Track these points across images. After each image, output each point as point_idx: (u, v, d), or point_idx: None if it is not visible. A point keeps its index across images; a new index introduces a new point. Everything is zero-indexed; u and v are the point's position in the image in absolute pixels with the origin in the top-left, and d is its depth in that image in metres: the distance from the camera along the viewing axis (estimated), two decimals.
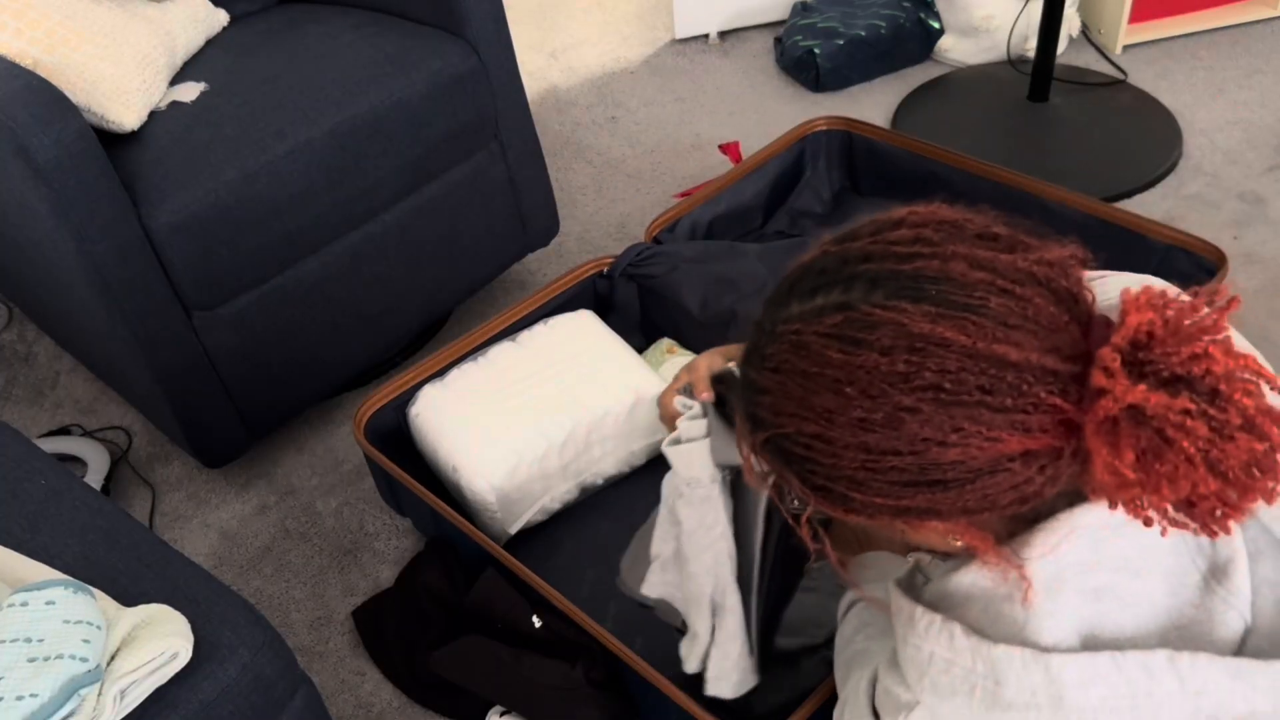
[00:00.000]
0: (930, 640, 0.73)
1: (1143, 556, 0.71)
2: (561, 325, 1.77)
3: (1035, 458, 0.66)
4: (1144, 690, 0.67)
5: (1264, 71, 2.49)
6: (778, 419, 0.71)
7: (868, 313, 0.66)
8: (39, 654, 0.91)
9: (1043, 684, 0.67)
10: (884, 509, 0.69)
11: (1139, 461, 0.63)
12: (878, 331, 0.66)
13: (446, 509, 1.52)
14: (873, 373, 0.66)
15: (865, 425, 0.66)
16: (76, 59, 1.56)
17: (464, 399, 1.66)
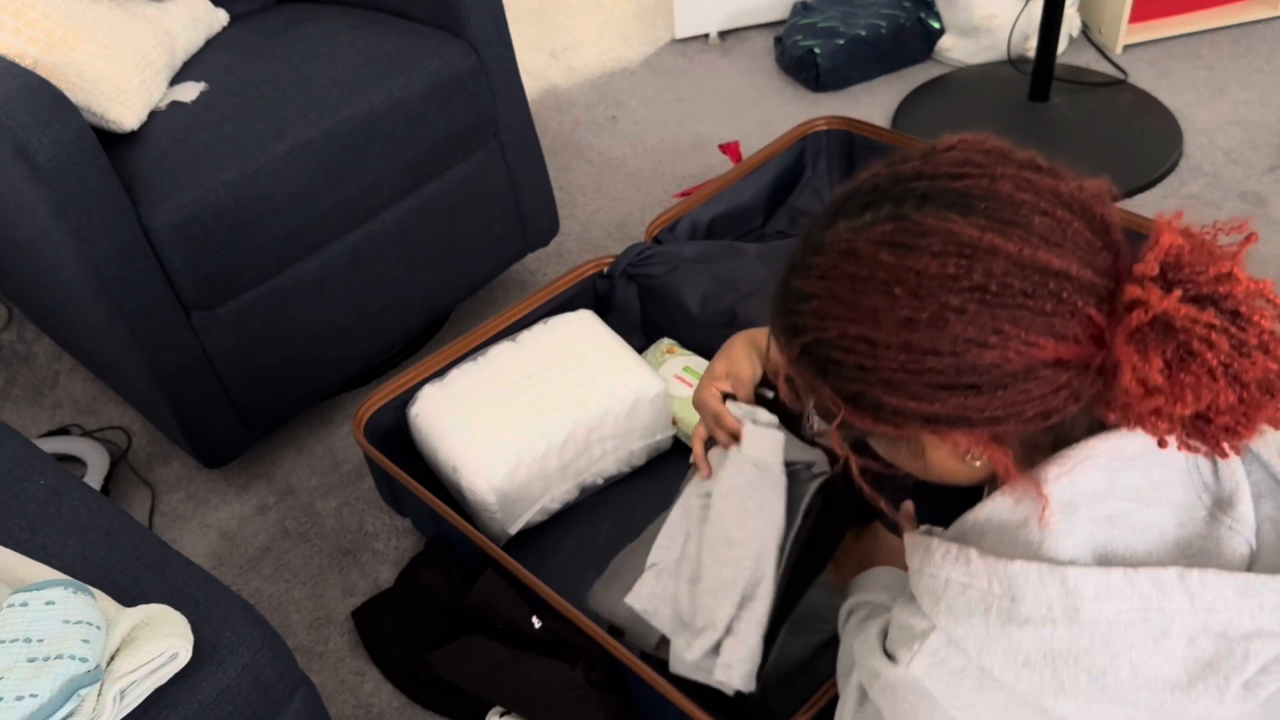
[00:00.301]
0: (947, 566, 0.74)
1: (1153, 488, 0.73)
2: (561, 325, 1.77)
3: (1065, 367, 0.69)
4: (1155, 605, 0.69)
5: (1264, 71, 2.49)
6: (821, 323, 0.73)
7: (919, 221, 0.70)
8: (39, 654, 0.91)
9: (1059, 597, 0.69)
10: (915, 415, 0.72)
11: (1166, 370, 0.67)
12: (929, 238, 0.69)
13: (446, 509, 1.52)
14: (922, 274, 0.69)
15: (910, 324, 0.69)
16: (76, 59, 1.56)
17: (464, 399, 1.66)
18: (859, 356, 0.72)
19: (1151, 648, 0.69)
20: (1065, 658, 0.70)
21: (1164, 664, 0.69)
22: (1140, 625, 0.69)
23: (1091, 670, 0.69)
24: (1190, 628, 0.69)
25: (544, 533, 1.66)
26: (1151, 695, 0.69)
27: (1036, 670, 0.71)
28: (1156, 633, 0.69)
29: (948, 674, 0.75)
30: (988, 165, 0.72)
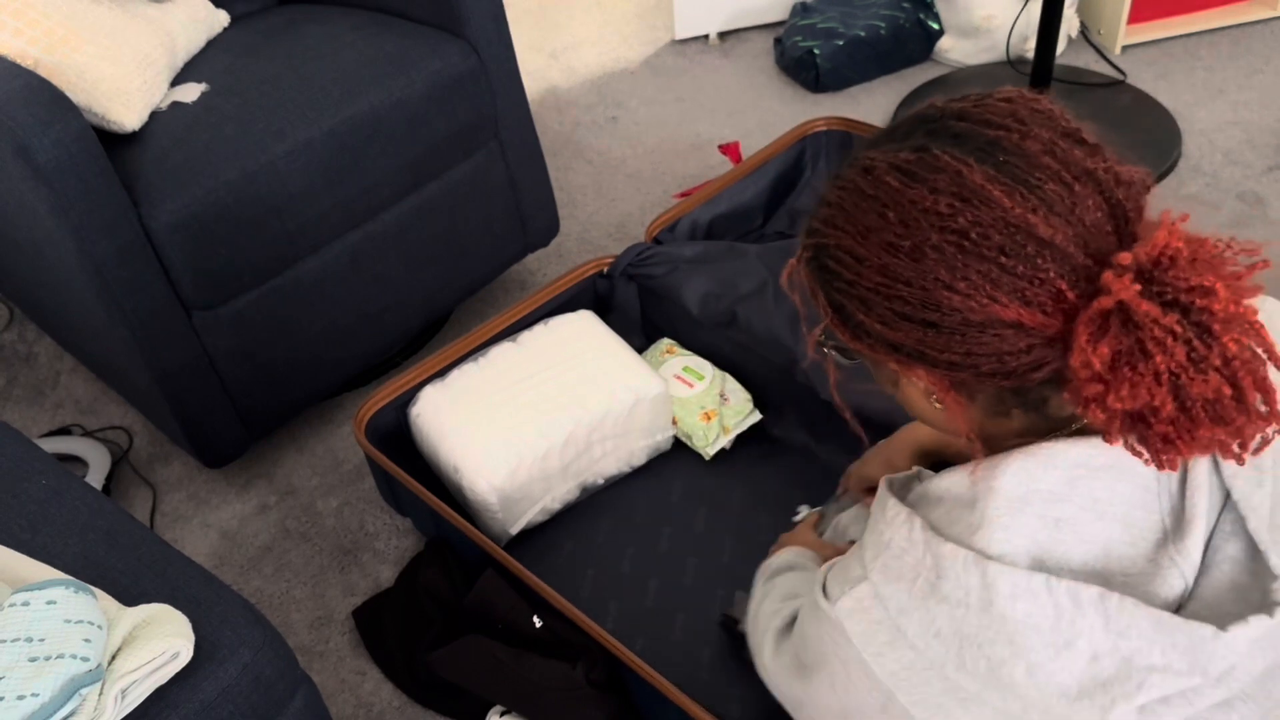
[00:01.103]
0: (893, 528, 0.79)
1: (1111, 501, 0.74)
2: (561, 326, 1.77)
3: (1025, 332, 0.70)
4: (1068, 617, 0.71)
5: (1263, 72, 2.49)
6: (825, 229, 0.77)
7: (937, 157, 0.72)
8: (40, 653, 0.92)
9: (977, 587, 0.72)
10: (881, 339, 0.76)
11: (1112, 361, 0.67)
12: (937, 175, 0.72)
13: (446, 509, 1.52)
14: (916, 205, 0.72)
15: (892, 249, 0.72)
16: (77, 59, 1.56)
17: (465, 399, 1.66)
18: (845, 269, 0.75)
19: (1052, 654, 0.71)
20: (971, 641, 0.73)
21: (1060, 672, 0.71)
22: (1047, 631, 0.71)
23: (991, 659, 0.72)
24: (1097, 646, 0.71)
25: (544, 533, 1.67)
26: (1041, 697, 0.72)
27: (945, 643, 0.74)
28: (1060, 642, 0.71)
29: (867, 622, 0.78)
30: (1028, 124, 0.73)
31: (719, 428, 1.72)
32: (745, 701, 1.40)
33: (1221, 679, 0.71)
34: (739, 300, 1.75)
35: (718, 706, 1.27)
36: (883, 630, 0.77)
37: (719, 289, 1.77)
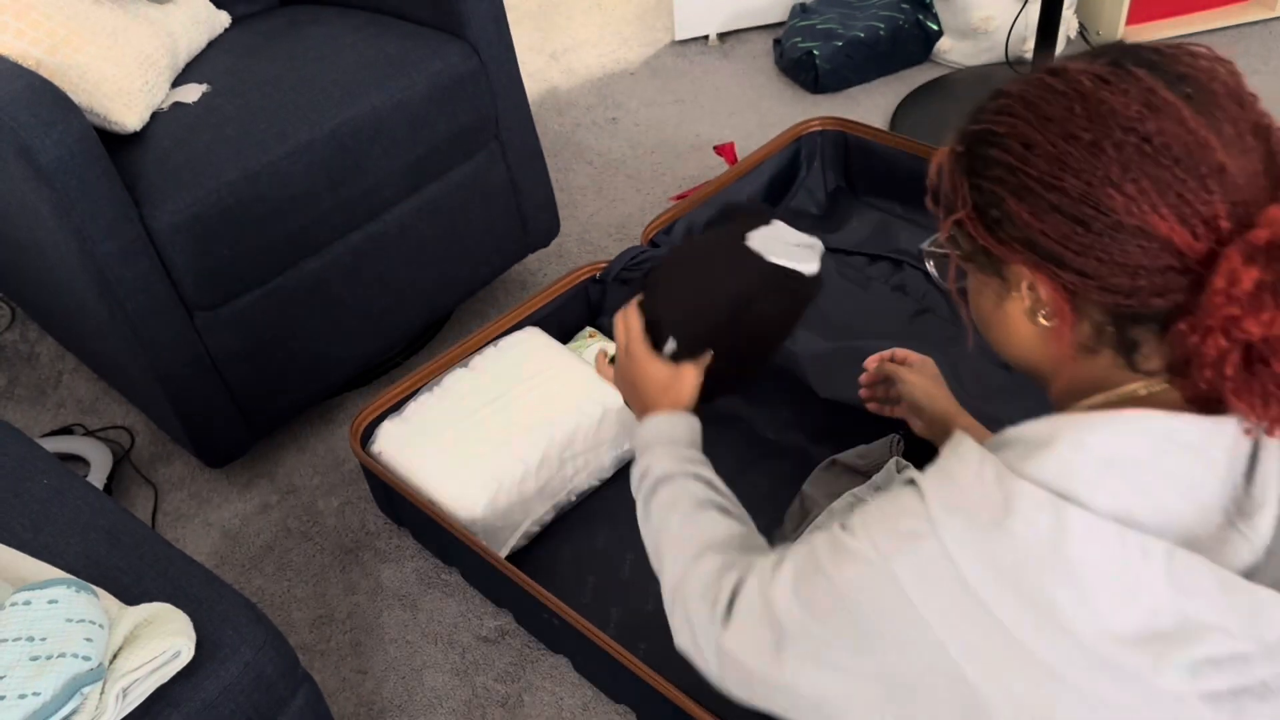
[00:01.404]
0: (963, 465, 0.76)
1: (1189, 482, 0.75)
2: (512, 346, 1.76)
3: (1169, 251, 0.72)
4: (1135, 568, 0.71)
5: (1262, 72, 2.49)
6: (998, 118, 0.77)
7: (1131, 71, 0.74)
8: (41, 652, 0.92)
9: (1048, 525, 0.71)
10: (1022, 233, 0.76)
11: (1256, 287, 0.69)
12: (1130, 84, 0.74)
13: (445, 519, 1.52)
14: (1105, 104, 0.73)
15: (1070, 139, 0.73)
16: (79, 60, 1.57)
17: (429, 431, 1.64)
18: (1012, 155, 0.76)
19: (1114, 602, 0.71)
20: (1031, 574, 0.72)
21: (1119, 620, 0.71)
22: (1114, 579, 0.71)
23: (1054, 601, 0.71)
24: (1159, 600, 0.71)
25: (543, 541, 1.66)
26: (1096, 640, 0.71)
27: (1003, 580, 0.72)
28: (1125, 591, 0.71)
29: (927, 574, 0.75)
30: (1215, 72, 0.75)
31: None
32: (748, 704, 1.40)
33: (1275, 650, 0.71)
34: None
35: (721, 710, 1.27)
36: (945, 581, 0.74)
37: None
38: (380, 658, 1.59)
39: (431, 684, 1.54)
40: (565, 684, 1.52)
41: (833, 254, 1.97)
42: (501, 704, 1.51)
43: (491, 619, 1.61)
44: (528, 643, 1.57)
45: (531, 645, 1.57)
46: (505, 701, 1.51)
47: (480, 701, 1.51)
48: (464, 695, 1.52)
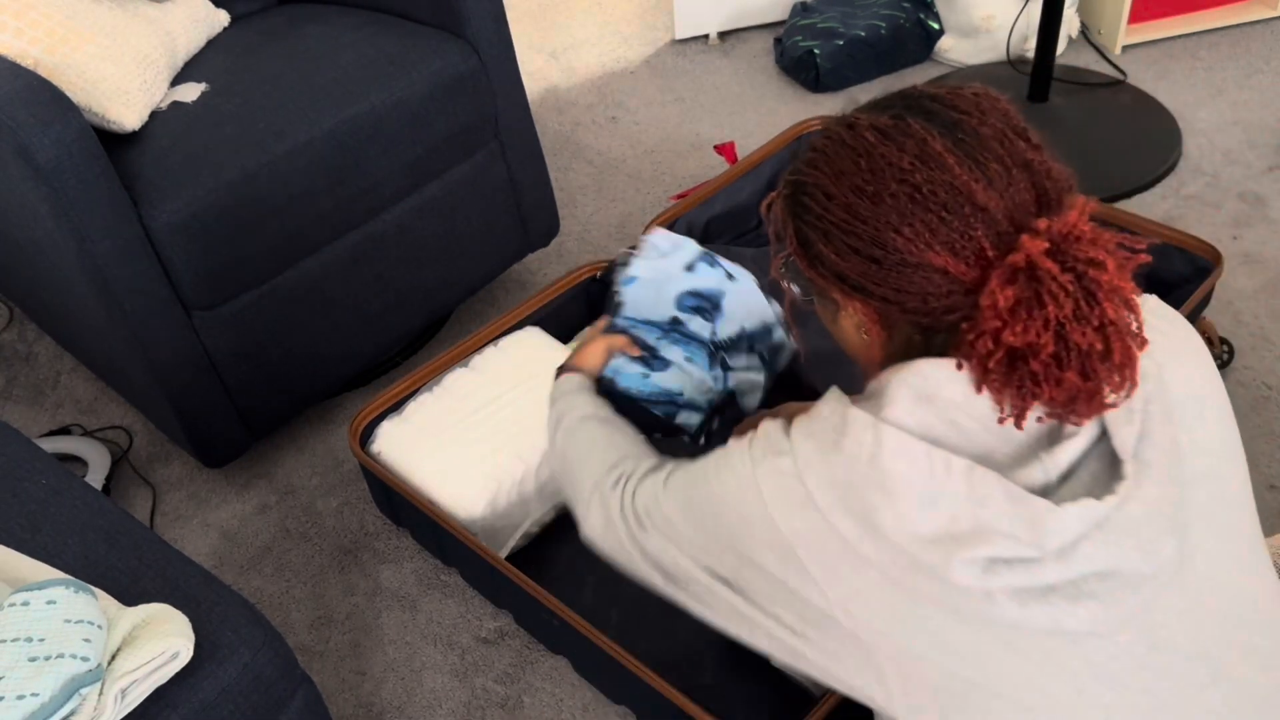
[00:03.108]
0: (823, 404, 0.92)
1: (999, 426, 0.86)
2: (512, 346, 1.75)
3: (948, 278, 0.84)
4: (939, 479, 0.83)
5: (1263, 72, 2.49)
6: (807, 170, 0.91)
7: (909, 124, 0.87)
8: (40, 653, 0.92)
9: (869, 442, 0.85)
10: (833, 268, 0.89)
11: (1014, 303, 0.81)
12: (906, 138, 0.86)
13: (445, 519, 1.52)
14: (884, 159, 0.86)
15: (857, 191, 0.86)
16: (77, 59, 1.56)
17: (428, 431, 1.63)
18: (816, 204, 0.89)
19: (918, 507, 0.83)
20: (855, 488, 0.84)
21: (922, 523, 0.83)
22: (918, 487, 0.83)
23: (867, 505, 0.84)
24: (958, 509, 0.82)
25: (543, 542, 1.65)
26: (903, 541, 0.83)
27: (836, 490, 0.85)
28: (927, 498, 0.83)
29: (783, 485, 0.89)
30: (987, 115, 0.88)
31: None
32: (750, 705, 1.40)
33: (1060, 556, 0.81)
34: None
35: (722, 712, 1.27)
36: (795, 493, 0.87)
37: None
38: (379, 659, 1.58)
39: (431, 685, 1.54)
40: (565, 685, 1.51)
41: None
42: (501, 705, 1.50)
43: (491, 620, 1.61)
44: (527, 644, 1.57)
45: (531, 646, 1.57)
46: (505, 703, 1.50)
47: (480, 703, 1.51)
48: (463, 696, 1.52)
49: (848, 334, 0.97)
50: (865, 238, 0.86)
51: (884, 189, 0.85)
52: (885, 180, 0.85)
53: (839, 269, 0.88)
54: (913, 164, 0.85)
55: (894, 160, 0.85)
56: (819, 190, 0.89)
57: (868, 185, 0.86)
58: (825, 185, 0.88)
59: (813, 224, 0.90)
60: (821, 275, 0.91)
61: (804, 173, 0.91)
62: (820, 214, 0.89)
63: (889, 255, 0.85)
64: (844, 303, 0.92)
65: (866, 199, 0.86)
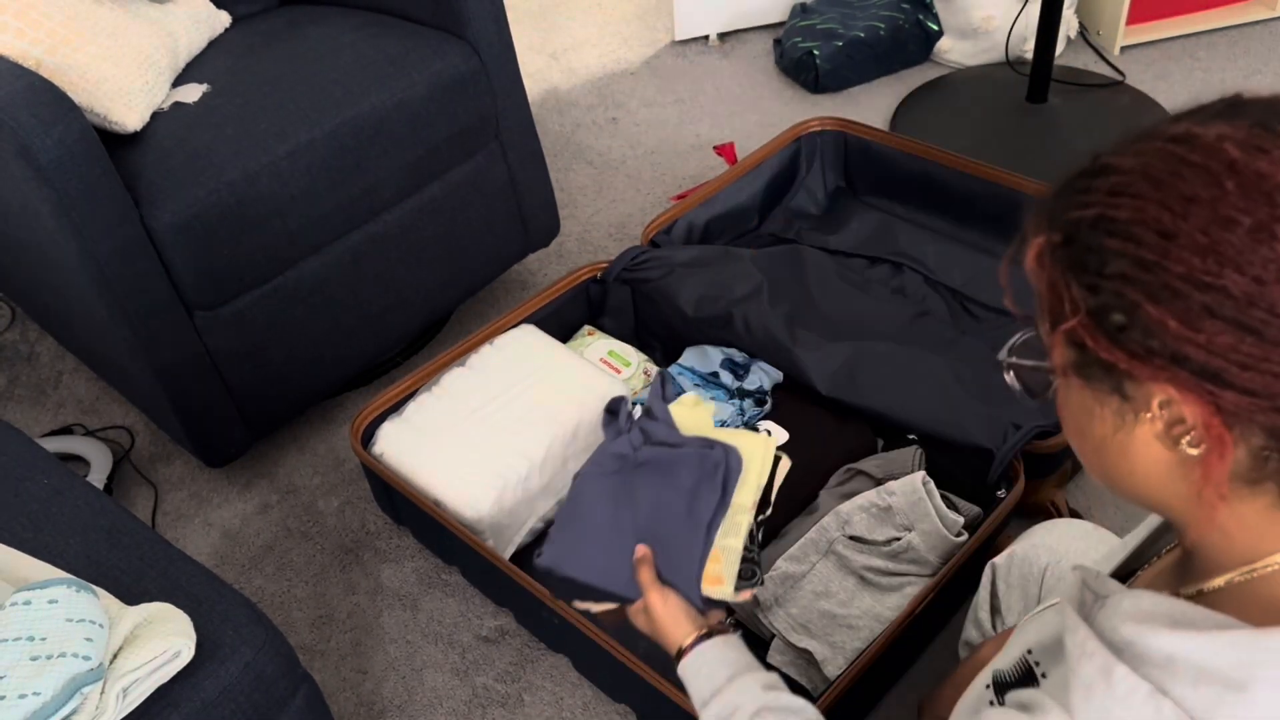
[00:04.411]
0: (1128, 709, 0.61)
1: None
2: (509, 344, 1.75)
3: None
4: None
5: (1262, 72, 2.49)
6: (1114, 200, 0.61)
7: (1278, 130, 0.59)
8: (41, 652, 0.92)
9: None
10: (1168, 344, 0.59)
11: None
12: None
13: (447, 519, 1.52)
14: (1268, 179, 0.58)
15: (1227, 225, 0.58)
16: (79, 60, 1.57)
17: (430, 431, 1.64)
18: (1143, 249, 0.60)
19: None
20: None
21: None
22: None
23: None
24: None
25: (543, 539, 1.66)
26: None
27: None
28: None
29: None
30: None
31: None
32: None
33: None
34: (735, 303, 1.75)
35: None
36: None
37: (714, 292, 1.78)
38: (380, 657, 1.59)
39: (431, 684, 1.54)
40: (565, 683, 1.52)
41: (833, 256, 1.97)
42: (501, 704, 1.51)
43: (491, 618, 1.61)
44: (528, 642, 1.57)
45: (532, 645, 1.57)
46: (505, 701, 1.51)
47: (480, 701, 1.51)
48: (464, 695, 1.52)
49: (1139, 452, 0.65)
50: (1240, 296, 0.57)
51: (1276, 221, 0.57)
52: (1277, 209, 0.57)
53: (1180, 345, 0.59)
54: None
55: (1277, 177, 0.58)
56: (1146, 227, 0.60)
57: (1244, 215, 0.57)
58: (1158, 218, 0.59)
59: (1130, 278, 0.60)
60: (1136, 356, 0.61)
61: (1109, 204, 0.62)
62: (1152, 261, 0.59)
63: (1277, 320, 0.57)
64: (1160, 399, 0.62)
65: (1245, 236, 0.57)
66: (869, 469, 1.55)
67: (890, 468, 1.53)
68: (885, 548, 1.44)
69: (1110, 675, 0.62)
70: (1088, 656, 0.64)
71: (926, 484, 1.45)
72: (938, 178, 1.99)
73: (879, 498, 1.46)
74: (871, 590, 1.44)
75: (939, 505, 1.44)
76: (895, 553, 1.43)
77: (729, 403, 1.69)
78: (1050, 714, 0.65)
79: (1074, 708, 0.64)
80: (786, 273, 1.85)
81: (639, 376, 1.79)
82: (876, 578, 1.44)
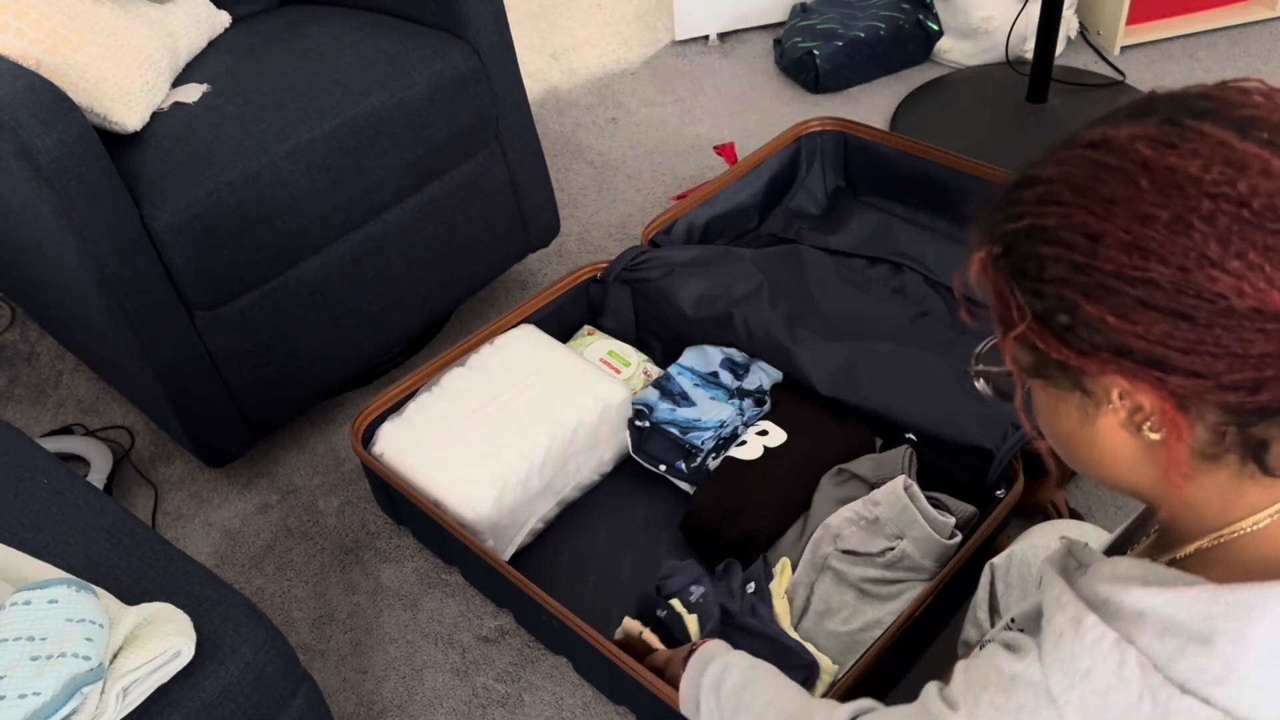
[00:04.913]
0: (1094, 656, 0.65)
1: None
2: (508, 344, 1.75)
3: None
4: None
5: (1262, 72, 2.49)
6: (1042, 209, 0.65)
7: (1193, 127, 0.62)
8: (41, 652, 0.92)
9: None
10: (1110, 338, 0.63)
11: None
12: (1199, 143, 0.62)
13: (447, 520, 1.52)
14: (1179, 172, 0.61)
15: (1147, 221, 0.61)
16: (79, 60, 1.57)
17: (429, 431, 1.63)
18: (1074, 252, 0.63)
19: None
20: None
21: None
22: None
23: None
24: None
25: (543, 542, 1.66)
26: None
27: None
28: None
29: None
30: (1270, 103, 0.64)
31: None
32: None
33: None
34: (735, 303, 1.75)
35: None
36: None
37: (714, 292, 1.78)
38: (380, 657, 1.59)
39: (431, 684, 1.55)
40: (565, 684, 1.52)
41: (833, 256, 1.97)
42: (501, 704, 1.51)
43: (491, 619, 1.61)
44: (528, 643, 1.57)
45: (531, 645, 1.57)
46: (505, 701, 1.51)
47: (480, 701, 1.51)
48: (464, 695, 1.52)
49: (1107, 441, 0.69)
50: (1166, 284, 0.61)
51: (1189, 210, 0.60)
52: (1189, 198, 0.60)
53: (1121, 338, 0.62)
54: (1224, 172, 0.60)
55: (1193, 171, 0.61)
56: (1075, 231, 0.63)
57: (1161, 210, 0.61)
58: (1085, 222, 0.63)
59: (1066, 279, 0.64)
60: (1084, 353, 0.65)
61: (1036, 213, 0.65)
62: (1084, 263, 0.63)
63: (1205, 304, 0.60)
64: (1118, 390, 0.65)
65: (1161, 229, 0.61)
66: (862, 471, 1.55)
67: (882, 470, 1.53)
68: (880, 558, 1.43)
69: (1080, 624, 0.66)
70: (1061, 608, 0.68)
71: (910, 489, 1.44)
72: (938, 178, 1.99)
73: (865, 509, 1.45)
74: (872, 601, 1.43)
75: (926, 510, 1.43)
76: (891, 562, 1.43)
77: (729, 403, 1.69)
78: (1028, 655, 0.69)
79: (1044, 654, 0.68)
80: (786, 273, 1.85)
81: (639, 376, 1.79)
82: (875, 588, 1.43)
